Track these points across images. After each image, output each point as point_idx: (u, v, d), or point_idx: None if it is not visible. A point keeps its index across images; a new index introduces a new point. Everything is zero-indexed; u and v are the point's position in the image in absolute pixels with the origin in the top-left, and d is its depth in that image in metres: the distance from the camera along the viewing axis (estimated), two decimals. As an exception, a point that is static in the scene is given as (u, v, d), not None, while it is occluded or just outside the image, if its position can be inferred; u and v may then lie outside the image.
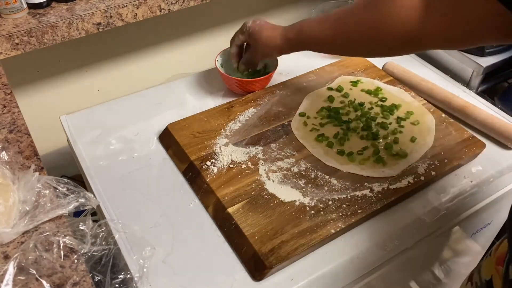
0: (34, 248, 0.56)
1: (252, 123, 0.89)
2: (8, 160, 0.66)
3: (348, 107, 0.92)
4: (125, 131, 0.90)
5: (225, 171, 0.79)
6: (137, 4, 0.97)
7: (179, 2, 1.03)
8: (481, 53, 1.04)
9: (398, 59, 1.08)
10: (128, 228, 0.71)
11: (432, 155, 0.83)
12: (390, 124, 0.88)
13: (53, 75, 1.13)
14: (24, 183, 0.61)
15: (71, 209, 0.62)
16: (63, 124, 0.91)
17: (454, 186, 0.81)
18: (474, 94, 1.01)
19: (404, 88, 0.98)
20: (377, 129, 0.87)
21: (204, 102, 0.97)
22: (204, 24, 1.28)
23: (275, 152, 0.83)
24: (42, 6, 0.93)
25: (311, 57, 1.11)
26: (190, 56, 1.31)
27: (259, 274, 0.67)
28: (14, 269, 0.54)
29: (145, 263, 0.65)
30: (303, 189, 0.77)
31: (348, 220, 0.72)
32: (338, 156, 0.82)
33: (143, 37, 1.19)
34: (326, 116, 0.90)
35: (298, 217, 0.72)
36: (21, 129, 0.72)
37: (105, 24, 0.96)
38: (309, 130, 0.87)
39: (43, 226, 0.60)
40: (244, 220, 0.71)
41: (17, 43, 0.88)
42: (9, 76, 0.88)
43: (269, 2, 1.36)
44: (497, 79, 1.11)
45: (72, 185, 0.63)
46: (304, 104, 0.93)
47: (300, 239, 0.69)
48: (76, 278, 0.55)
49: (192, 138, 0.85)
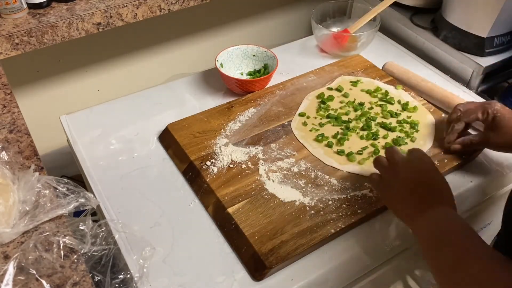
0: (34, 248, 0.56)
1: (252, 123, 0.89)
2: (8, 160, 0.66)
3: (348, 107, 0.92)
4: (125, 131, 0.90)
5: (225, 171, 0.79)
6: (137, 4, 0.97)
7: (179, 2, 1.03)
8: (481, 53, 1.04)
9: (398, 59, 1.08)
10: (128, 228, 0.71)
11: (432, 155, 0.83)
12: (390, 124, 0.88)
13: (53, 75, 1.13)
14: (24, 183, 0.61)
15: (71, 209, 0.62)
16: (63, 124, 0.91)
17: (454, 186, 0.81)
18: (474, 94, 1.01)
19: (404, 88, 0.98)
20: (377, 129, 0.87)
21: (204, 102, 0.97)
22: (204, 24, 1.28)
23: (275, 152, 0.83)
24: (42, 6, 0.93)
25: (311, 57, 1.11)
26: (190, 56, 1.31)
27: (259, 274, 0.67)
28: (14, 269, 0.54)
29: (145, 263, 0.65)
30: (303, 189, 0.77)
31: (348, 220, 0.72)
32: (338, 156, 0.82)
33: (143, 37, 1.19)
34: (326, 116, 0.90)
35: (298, 217, 0.72)
36: (21, 129, 0.72)
37: (105, 24, 0.96)
38: (309, 130, 0.87)
39: (43, 226, 0.60)
40: (244, 220, 0.71)
41: (17, 43, 0.88)
42: (9, 76, 0.88)
43: (269, 2, 1.36)
44: (497, 79, 1.11)
45: (72, 185, 0.63)
46: (304, 104, 0.93)
47: (300, 239, 0.69)
48: (76, 278, 0.55)
49: (192, 138, 0.85)
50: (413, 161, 0.67)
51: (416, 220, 0.62)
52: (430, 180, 0.65)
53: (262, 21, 1.38)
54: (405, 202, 0.65)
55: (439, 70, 1.08)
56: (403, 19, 1.17)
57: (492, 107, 0.75)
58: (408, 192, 0.65)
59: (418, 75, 1.01)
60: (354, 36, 1.07)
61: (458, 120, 0.79)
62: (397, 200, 0.67)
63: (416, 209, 0.63)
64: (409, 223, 0.65)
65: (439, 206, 0.61)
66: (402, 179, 0.66)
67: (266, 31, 1.41)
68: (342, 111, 0.91)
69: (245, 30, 1.37)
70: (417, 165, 0.67)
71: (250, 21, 1.36)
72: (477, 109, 0.77)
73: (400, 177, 0.66)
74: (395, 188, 0.66)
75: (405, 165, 0.67)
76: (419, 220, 0.62)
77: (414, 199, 0.64)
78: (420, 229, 0.62)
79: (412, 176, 0.65)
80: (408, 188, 0.65)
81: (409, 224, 0.64)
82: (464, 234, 0.57)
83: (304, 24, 1.47)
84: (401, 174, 0.66)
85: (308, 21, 1.39)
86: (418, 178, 0.65)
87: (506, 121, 0.74)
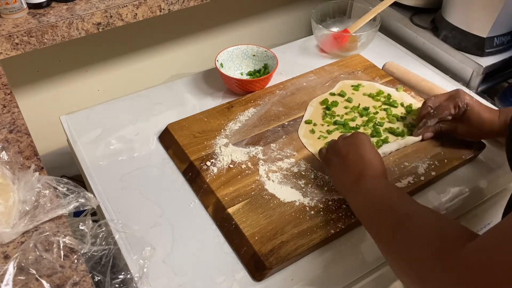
0: (34, 248, 0.56)
1: (252, 123, 0.89)
2: (8, 160, 0.66)
3: (353, 112, 0.91)
4: (125, 131, 0.90)
5: (225, 171, 0.79)
6: (137, 4, 0.97)
7: (179, 2, 1.03)
8: (481, 53, 1.04)
9: (398, 59, 1.08)
10: (128, 228, 0.71)
11: (432, 155, 0.83)
12: (398, 129, 0.87)
13: (53, 75, 1.13)
14: (24, 183, 0.61)
15: (71, 209, 0.62)
16: (63, 124, 0.91)
17: (454, 186, 0.81)
18: (474, 94, 1.01)
19: (404, 89, 0.98)
20: (386, 136, 0.85)
21: (204, 102, 0.97)
22: (204, 24, 1.28)
23: (275, 152, 0.83)
24: (42, 6, 0.93)
25: (311, 57, 1.11)
26: (190, 56, 1.31)
27: (259, 274, 0.67)
28: (14, 269, 0.54)
29: (145, 263, 0.65)
30: (303, 189, 0.77)
31: (348, 220, 0.72)
32: None
33: (143, 37, 1.19)
34: (333, 123, 0.89)
35: (298, 217, 0.72)
36: (21, 129, 0.72)
37: (105, 24, 0.96)
38: (317, 138, 0.86)
39: (43, 226, 0.60)
40: (244, 221, 0.71)
41: (17, 43, 0.88)
42: (9, 76, 0.88)
43: (269, 2, 1.36)
44: (497, 79, 1.11)
45: (72, 185, 0.63)
46: (308, 111, 0.92)
47: (300, 239, 0.69)
48: (76, 278, 0.55)
49: (192, 138, 0.85)
50: (349, 137, 0.74)
51: (351, 191, 0.68)
52: (361, 151, 0.70)
53: (262, 21, 1.38)
54: (341, 174, 0.71)
55: (439, 70, 1.08)
56: (403, 19, 1.17)
57: (462, 101, 0.79)
58: (342, 163, 0.71)
59: (418, 75, 1.01)
60: (354, 36, 1.07)
61: (431, 117, 0.82)
62: (335, 173, 0.73)
63: (350, 180, 0.69)
64: (345, 194, 0.71)
65: (371, 178, 0.66)
66: (338, 152, 0.73)
67: (266, 31, 1.41)
68: (348, 117, 0.90)
69: (245, 30, 1.37)
70: (351, 140, 0.73)
71: (250, 21, 1.36)
72: (449, 104, 0.80)
73: (337, 150, 0.73)
74: (334, 162, 0.73)
75: (342, 141, 0.74)
76: (353, 191, 0.68)
77: (348, 170, 0.70)
78: (355, 200, 0.67)
79: (345, 148, 0.72)
80: (342, 159, 0.71)
81: (345, 196, 0.71)
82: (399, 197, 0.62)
83: (304, 24, 1.47)
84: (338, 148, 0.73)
85: (308, 21, 1.39)
86: (350, 150, 0.71)
87: (474, 114, 0.78)
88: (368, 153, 0.70)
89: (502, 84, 1.16)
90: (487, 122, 0.78)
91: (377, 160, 0.70)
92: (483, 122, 0.78)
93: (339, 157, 0.72)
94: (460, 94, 0.79)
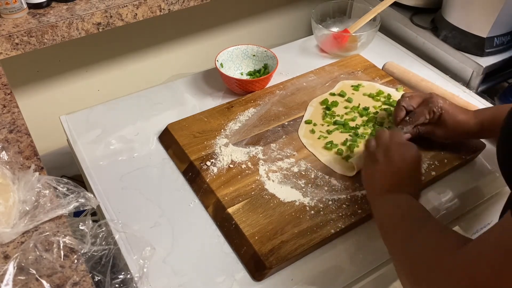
0: (34, 248, 0.56)
1: (252, 123, 0.89)
2: (8, 160, 0.66)
3: (353, 112, 0.91)
4: (125, 131, 0.90)
5: (225, 171, 0.79)
6: (137, 4, 0.97)
7: (179, 2, 1.03)
8: (481, 53, 1.04)
9: (398, 59, 1.08)
10: (128, 228, 0.71)
11: (432, 155, 0.83)
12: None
13: (53, 75, 1.13)
14: (24, 183, 0.61)
15: (71, 209, 0.62)
16: (63, 124, 0.91)
17: (454, 186, 0.81)
18: (474, 94, 1.01)
19: (405, 89, 0.98)
20: None
21: (204, 102, 0.97)
22: (204, 24, 1.28)
23: (275, 152, 0.83)
24: (42, 6, 0.93)
25: (311, 57, 1.11)
26: (190, 56, 1.31)
27: (259, 274, 0.67)
28: (14, 269, 0.54)
29: (145, 263, 0.65)
30: (303, 189, 0.77)
31: (348, 220, 0.72)
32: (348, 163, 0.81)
33: (143, 37, 1.19)
34: (333, 123, 0.89)
35: (298, 217, 0.72)
36: (21, 129, 0.72)
37: (105, 24, 0.96)
38: (317, 138, 0.86)
39: (43, 226, 0.60)
40: (244, 220, 0.71)
41: (17, 43, 0.88)
42: (9, 76, 0.88)
43: (269, 2, 1.36)
44: (497, 79, 1.11)
45: (72, 185, 0.63)
46: (309, 111, 0.92)
47: (300, 239, 0.69)
48: (76, 278, 0.55)
49: (192, 138, 0.85)
50: (407, 148, 0.71)
51: (377, 199, 0.68)
52: (415, 168, 0.69)
53: (262, 21, 1.38)
54: (380, 176, 0.69)
55: (439, 70, 1.08)
56: (403, 19, 1.17)
57: (436, 105, 0.79)
58: (387, 167, 0.69)
59: (418, 75, 1.01)
60: (354, 36, 1.07)
61: (407, 123, 0.82)
62: (373, 172, 0.71)
63: (382, 190, 0.68)
64: (371, 201, 0.70)
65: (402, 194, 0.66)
66: (389, 155, 0.70)
67: (266, 31, 1.41)
68: (348, 117, 0.90)
69: (245, 30, 1.37)
70: (410, 152, 0.70)
71: (250, 21, 1.36)
72: (423, 110, 0.80)
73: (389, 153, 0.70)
74: (379, 161, 0.70)
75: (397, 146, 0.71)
76: (379, 199, 0.67)
77: (390, 176, 0.68)
78: (378, 208, 0.67)
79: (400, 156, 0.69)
80: (389, 164, 0.69)
81: (370, 202, 0.70)
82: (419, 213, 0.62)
83: (304, 24, 1.47)
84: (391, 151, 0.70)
85: (308, 21, 1.39)
86: (405, 160, 0.69)
87: (449, 116, 0.79)
88: (419, 174, 0.70)
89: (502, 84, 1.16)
90: (462, 123, 0.79)
91: (419, 183, 0.70)
92: (458, 123, 0.79)
93: (389, 160, 0.69)
94: (433, 99, 0.80)
